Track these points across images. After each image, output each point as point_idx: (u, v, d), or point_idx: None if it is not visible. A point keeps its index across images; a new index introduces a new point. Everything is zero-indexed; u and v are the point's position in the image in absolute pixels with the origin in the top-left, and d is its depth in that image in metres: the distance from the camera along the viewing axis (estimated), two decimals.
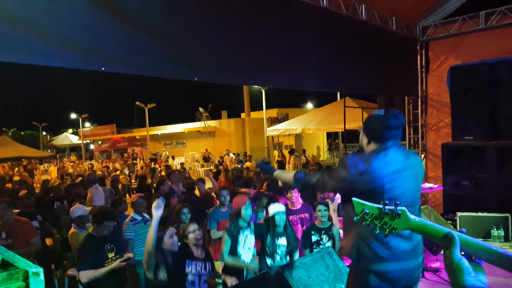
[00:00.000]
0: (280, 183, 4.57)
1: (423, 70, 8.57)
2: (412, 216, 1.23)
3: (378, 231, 1.25)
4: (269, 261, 4.05)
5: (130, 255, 3.79)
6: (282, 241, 4.09)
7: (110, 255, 3.66)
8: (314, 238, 4.39)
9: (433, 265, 5.13)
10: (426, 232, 1.23)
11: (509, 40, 7.32)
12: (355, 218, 1.30)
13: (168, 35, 4.03)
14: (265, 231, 4.07)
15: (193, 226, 3.55)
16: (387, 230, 1.24)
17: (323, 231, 4.40)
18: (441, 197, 7.58)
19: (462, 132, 6.92)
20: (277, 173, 2.91)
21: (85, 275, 3.45)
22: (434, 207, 7.83)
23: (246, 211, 3.98)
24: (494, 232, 5.52)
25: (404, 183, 2.40)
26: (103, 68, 3.56)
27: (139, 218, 4.70)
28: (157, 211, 3.16)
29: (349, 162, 2.42)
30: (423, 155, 8.83)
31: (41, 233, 5.01)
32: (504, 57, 6.91)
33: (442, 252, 4.97)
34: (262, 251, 4.14)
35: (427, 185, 5.87)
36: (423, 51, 8.56)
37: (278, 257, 4.07)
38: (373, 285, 2.38)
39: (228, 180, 8.47)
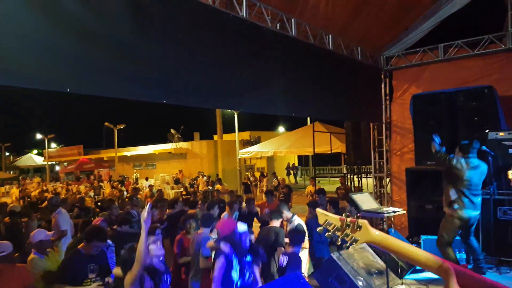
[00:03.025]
0: None
1: (387, 97, 8.92)
2: (374, 230, 1.25)
3: (340, 242, 1.27)
4: (239, 281, 4.02)
5: (110, 280, 3.70)
6: (248, 258, 4.10)
7: (91, 275, 3.63)
8: None
9: None
10: (391, 249, 1.22)
11: (465, 71, 7.78)
12: (318, 229, 1.31)
13: (137, 57, 4.02)
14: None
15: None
16: (349, 242, 1.25)
17: None
18: (406, 221, 7.77)
19: (424, 158, 7.18)
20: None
21: None
22: (400, 230, 8.00)
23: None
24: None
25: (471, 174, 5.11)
26: (69, 89, 3.51)
27: None
28: (146, 222, 3.11)
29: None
30: (388, 180, 9.07)
31: None
32: (462, 87, 7.32)
33: (406, 275, 5.05)
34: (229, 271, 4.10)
35: (391, 208, 6.02)
36: (387, 80, 8.93)
37: (247, 275, 4.06)
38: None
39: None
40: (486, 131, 6.36)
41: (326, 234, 1.32)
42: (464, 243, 5.55)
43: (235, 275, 3.84)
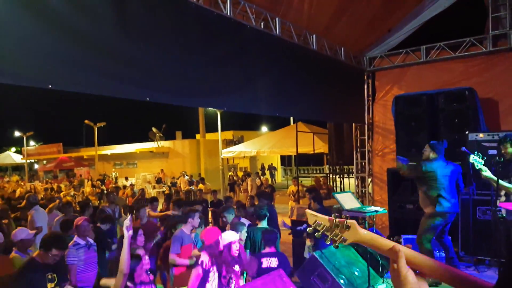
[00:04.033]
0: None
1: (370, 98, 9.01)
2: (361, 229, 1.28)
3: (329, 242, 1.30)
4: None
5: None
6: (236, 268, 4.03)
7: (50, 285, 3.45)
8: None
9: (379, 286, 5.26)
10: (375, 246, 1.27)
11: (446, 73, 7.93)
12: (308, 229, 1.34)
13: (120, 54, 3.95)
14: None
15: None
16: (338, 242, 1.28)
17: None
18: (387, 220, 7.88)
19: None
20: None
21: None
22: (381, 229, 8.12)
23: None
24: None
25: (445, 173, 5.32)
26: (50, 86, 3.42)
27: (82, 242, 4.45)
28: (127, 229, 3.06)
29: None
30: (370, 180, 9.18)
31: None
32: (443, 88, 7.46)
33: (388, 272, 5.14)
34: (217, 280, 4.03)
35: (373, 208, 6.09)
36: (370, 81, 9.02)
37: (232, 285, 4.00)
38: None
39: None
40: (466, 132, 6.50)
41: (316, 234, 1.35)
42: (438, 241, 5.70)
43: (209, 287, 3.75)
